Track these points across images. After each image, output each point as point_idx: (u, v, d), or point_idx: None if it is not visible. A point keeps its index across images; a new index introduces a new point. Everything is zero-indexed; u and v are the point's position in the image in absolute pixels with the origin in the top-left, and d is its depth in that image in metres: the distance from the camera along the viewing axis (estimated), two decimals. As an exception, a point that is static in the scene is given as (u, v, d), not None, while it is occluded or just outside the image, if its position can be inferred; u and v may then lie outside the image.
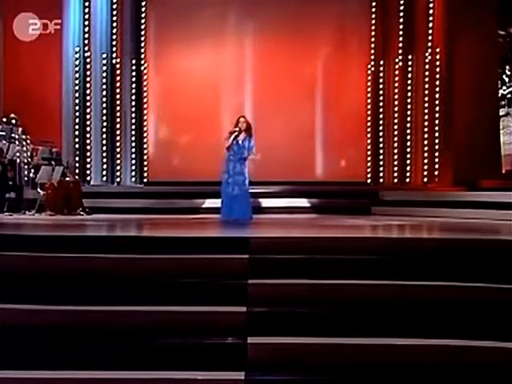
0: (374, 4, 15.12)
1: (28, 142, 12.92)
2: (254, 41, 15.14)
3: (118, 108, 15.03)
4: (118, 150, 15.01)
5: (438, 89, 14.39)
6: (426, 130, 14.46)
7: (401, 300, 5.87)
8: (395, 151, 14.87)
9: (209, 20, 15.07)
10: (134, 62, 15.14)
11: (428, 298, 5.89)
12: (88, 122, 14.86)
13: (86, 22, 14.87)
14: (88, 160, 14.88)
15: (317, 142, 15.08)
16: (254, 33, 15.09)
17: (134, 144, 15.11)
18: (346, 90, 15.01)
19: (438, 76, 14.41)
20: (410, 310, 5.80)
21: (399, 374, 5.27)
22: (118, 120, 15.02)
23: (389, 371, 5.28)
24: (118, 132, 15.02)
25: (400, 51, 14.84)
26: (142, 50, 15.21)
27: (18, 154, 12.50)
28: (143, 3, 15.20)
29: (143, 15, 15.20)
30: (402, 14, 14.82)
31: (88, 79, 14.89)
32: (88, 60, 14.89)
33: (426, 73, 14.49)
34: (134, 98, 15.10)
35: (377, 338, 5.49)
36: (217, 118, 14.99)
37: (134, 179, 15.14)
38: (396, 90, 14.87)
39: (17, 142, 12.67)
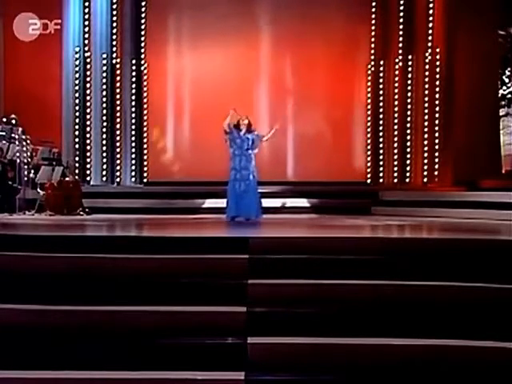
0: (374, 4, 15.12)
1: (28, 142, 12.91)
2: (254, 41, 15.12)
3: (118, 108, 15.02)
4: (118, 150, 15.01)
5: (438, 89, 14.39)
6: (426, 130, 14.46)
7: (401, 300, 5.87)
8: (395, 151, 14.87)
9: (209, 20, 15.05)
10: (133, 62, 15.14)
11: (428, 298, 5.89)
12: (88, 122, 14.86)
13: (86, 22, 14.87)
14: (88, 160, 14.87)
15: (317, 141, 15.06)
16: (255, 33, 15.08)
17: (134, 144, 15.11)
18: (346, 89, 15.02)
19: (438, 76, 14.41)
20: (409, 310, 5.79)
21: (399, 373, 5.28)
22: (118, 120, 15.02)
23: (389, 371, 5.28)
24: (117, 132, 15.02)
25: (400, 51, 14.83)
26: (142, 50, 15.21)
27: (17, 154, 12.49)
28: (143, 3, 15.19)
29: (143, 15, 15.19)
30: (402, 14, 14.82)
31: (88, 79, 14.89)
32: (88, 60, 14.89)
33: (426, 73, 14.48)
34: (133, 98, 15.10)
35: (377, 337, 5.49)
36: (217, 118, 14.94)
37: (133, 179, 15.13)
38: (396, 90, 14.87)
39: (17, 142, 12.66)
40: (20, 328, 5.58)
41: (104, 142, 14.91)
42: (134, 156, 15.11)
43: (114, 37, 15.00)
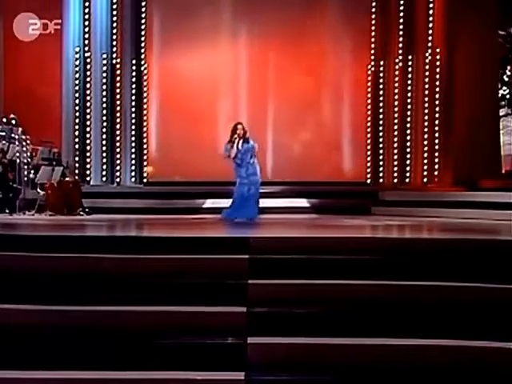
0: (373, 4, 15.12)
1: (28, 142, 12.92)
2: (254, 41, 15.12)
3: (118, 108, 15.03)
4: (118, 150, 15.01)
5: (438, 89, 14.40)
6: (426, 130, 14.46)
7: (400, 300, 5.87)
8: (395, 151, 14.87)
9: (209, 20, 15.07)
10: (134, 62, 15.14)
11: (428, 298, 5.89)
12: (88, 122, 14.86)
13: (86, 22, 14.87)
14: (88, 160, 14.87)
15: (317, 142, 15.07)
16: (254, 33, 15.07)
17: (134, 144, 15.11)
18: (346, 90, 15.03)
19: (438, 76, 14.42)
20: (409, 310, 5.79)
21: (399, 374, 5.27)
22: (118, 120, 15.02)
23: (388, 371, 5.28)
24: (118, 132, 15.03)
25: (400, 51, 14.84)
26: (142, 50, 15.21)
27: (17, 155, 12.49)
28: (143, 3, 15.20)
29: (143, 15, 15.20)
30: (402, 14, 14.83)
31: (88, 79, 14.89)
32: (88, 60, 14.89)
33: (426, 73, 14.49)
34: (134, 98, 15.10)
35: (376, 338, 5.49)
36: (217, 118, 15.00)
37: (133, 179, 15.13)
38: (396, 90, 14.88)
39: (17, 143, 12.67)
40: (20, 328, 5.58)
41: (104, 142, 14.91)
42: (133, 156, 15.12)
43: (114, 37, 15.00)
